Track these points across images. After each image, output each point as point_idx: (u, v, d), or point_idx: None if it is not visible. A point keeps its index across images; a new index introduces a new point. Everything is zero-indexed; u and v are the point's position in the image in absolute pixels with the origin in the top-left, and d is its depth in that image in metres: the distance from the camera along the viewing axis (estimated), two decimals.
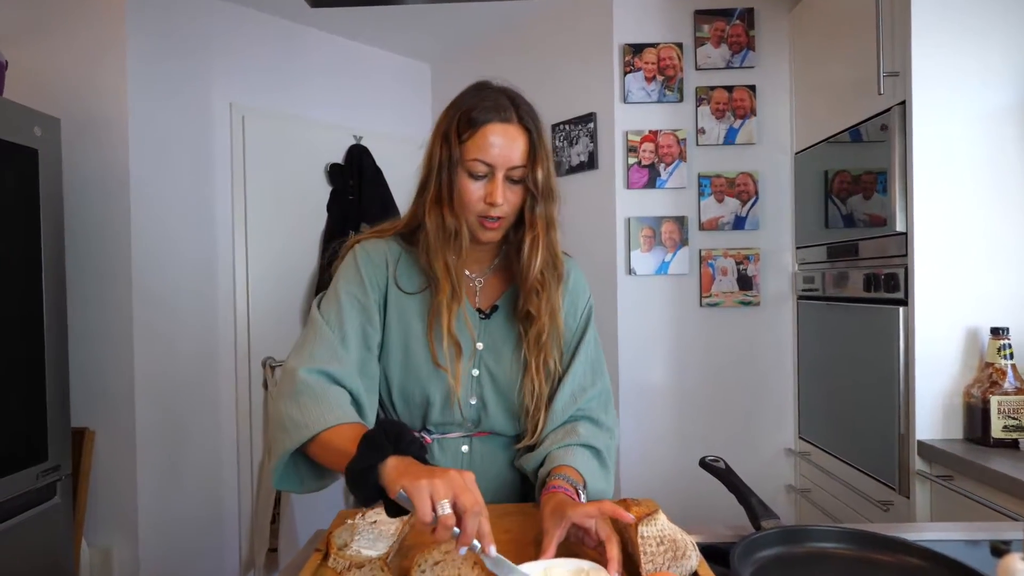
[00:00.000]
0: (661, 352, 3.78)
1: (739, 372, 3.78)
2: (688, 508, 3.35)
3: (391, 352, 1.70)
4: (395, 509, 1.23)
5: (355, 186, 4.27)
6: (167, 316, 3.42)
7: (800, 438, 3.70)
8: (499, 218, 1.62)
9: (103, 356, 3.25)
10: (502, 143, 1.57)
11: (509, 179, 1.60)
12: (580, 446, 1.67)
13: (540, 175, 1.61)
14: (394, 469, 1.22)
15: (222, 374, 3.82)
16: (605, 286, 3.79)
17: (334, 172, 4.29)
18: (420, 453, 1.29)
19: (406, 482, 1.17)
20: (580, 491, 1.55)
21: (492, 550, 1.17)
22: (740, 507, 1.51)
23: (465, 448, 1.75)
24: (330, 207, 4.26)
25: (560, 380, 1.76)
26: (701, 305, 3.78)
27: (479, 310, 1.76)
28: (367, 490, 1.23)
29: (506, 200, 1.60)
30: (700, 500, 2.68)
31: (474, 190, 1.59)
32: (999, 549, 1.46)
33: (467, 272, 1.77)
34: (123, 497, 3.25)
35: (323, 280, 4.10)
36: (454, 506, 1.14)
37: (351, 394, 1.56)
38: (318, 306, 1.67)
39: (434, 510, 1.13)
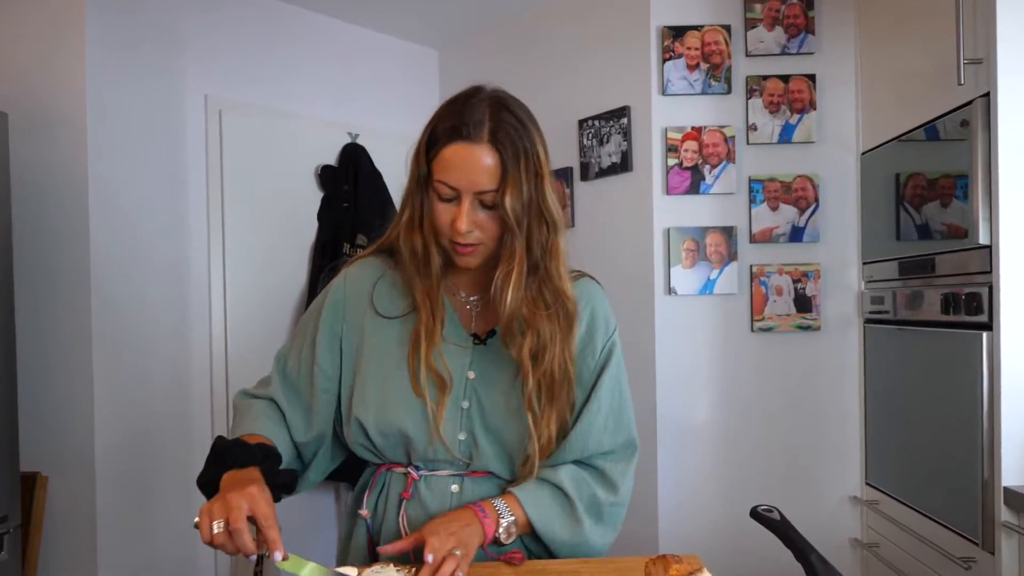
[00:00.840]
0: (705, 384, 3.79)
1: (796, 408, 3.77)
2: (737, 565, 3.34)
3: (368, 384, 1.76)
4: None
5: (350, 191, 4.28)
6: (132, 342, 3.43)
7: (867, 484, 3.69)
8: (472, 244, 1.65)
9: (57, 388, 3.26)
10: (463, 165, 1.58)
11: (482, 203, 1.62)
12: (543, 481, 1.74)
13: (510, 202, 1.59)
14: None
15: (195, 408, 3.83)
16: (640, 307, 3.81)
17: (326, 175, 4.31)
18: (248, 462, 1.52)
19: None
20: (503, 518, 1.67)
21: (277, 556, 1.36)
22: (797, 564, 1.51)
23: (455, 488, 1.76)
24: (321, 215, 4.28)
25: (570, 431, 1.77)
26: (752, 330, 3.78)
27: (474, 335, 1.80)
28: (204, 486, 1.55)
29: (478, 226, 1.62)
30: (751, 556, 2.69)
31: (443, 212, 1.63)
32: None
33: (462, 294, 1.84)
34: (81, 551, 3.26)
35: (313, 298, 4.10)
36: (229, 523, 1.35)
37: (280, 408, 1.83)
38: (283, 356, 1.93)
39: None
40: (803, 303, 3.74)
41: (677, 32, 3.77)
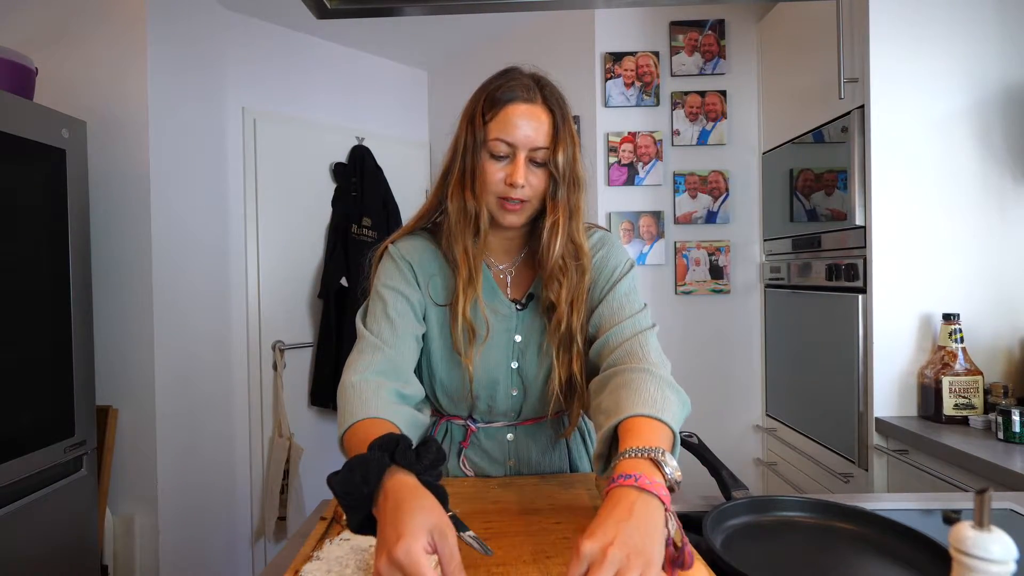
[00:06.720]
0: None
1: (711, 355, 3.78)
2: None
3: (434, 347, 1.59)
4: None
5: (357, 183, 4.23)
6: (185, 303, 3.39)
7: (767, 415, 3.70)
8: (521, 201, 1.48)
9: (126, 340, 3.22)
10: (524, 123, 1.43)
11: (532, 161, 1.46)
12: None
13: (561, 158, 1.45)
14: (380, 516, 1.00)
15: (235, 357, 3.82)
16: None
17: (338, 170, 4.26)
18: (421, 465, 1.06)
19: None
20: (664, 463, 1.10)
21: None
22: (712, 479, 1.50)
23: (510, 436, 1.68)
24: (334, 202, 4.23)
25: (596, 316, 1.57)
26: (676, 293, 3.77)
27: (514, 301, 1.62)
28: (362, 528, 1.05)
29: (528, 183, 1.46)
30: None
31: (495, 171, 1.46)
32: (950, 518, 1.45)
33: (495, 262, 1.65)
34: (144, 469, 3.22)
35: (328, 270, 4.11)
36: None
37: (399, 390, 1.39)
38: (363, 319, 1.53)
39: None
40: (716, 272, 3.72)
41: (616, 57, 3.74)
